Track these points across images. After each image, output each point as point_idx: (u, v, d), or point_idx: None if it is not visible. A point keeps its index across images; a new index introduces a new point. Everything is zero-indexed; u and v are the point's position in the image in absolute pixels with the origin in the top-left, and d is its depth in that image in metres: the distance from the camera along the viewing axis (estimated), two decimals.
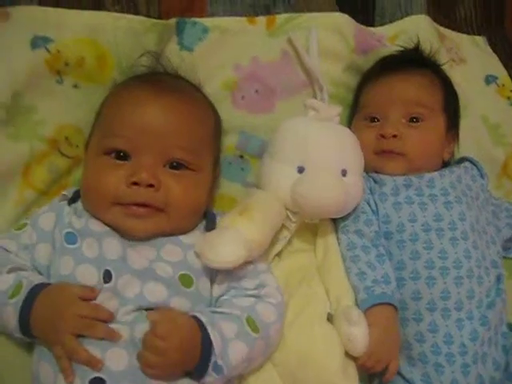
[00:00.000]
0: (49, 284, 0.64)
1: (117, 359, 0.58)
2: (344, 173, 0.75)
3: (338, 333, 0.69)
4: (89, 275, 0.63)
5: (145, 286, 0.63)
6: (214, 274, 0.68)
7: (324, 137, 0.77)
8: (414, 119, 0.85)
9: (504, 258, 0.87)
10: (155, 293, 0.63)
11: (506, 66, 1.12)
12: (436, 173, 0.85)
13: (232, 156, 0.88)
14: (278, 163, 0.77)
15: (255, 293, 0.68)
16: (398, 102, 0.85)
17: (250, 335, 0.63)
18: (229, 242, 0.64)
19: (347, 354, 0.69)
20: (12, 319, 0.62)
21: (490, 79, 1.10)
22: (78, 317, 0.59)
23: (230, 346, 0.61)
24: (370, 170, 0.86)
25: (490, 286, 0.79)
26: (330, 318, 0.71)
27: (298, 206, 0.74)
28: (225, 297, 0.68)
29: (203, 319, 0.61)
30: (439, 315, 0.75)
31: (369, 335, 0.68)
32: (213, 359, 0.60)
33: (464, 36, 1.14)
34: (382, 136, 0.84)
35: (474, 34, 1.17)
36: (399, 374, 0.75)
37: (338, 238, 0.80)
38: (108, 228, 0.68)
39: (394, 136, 0.83)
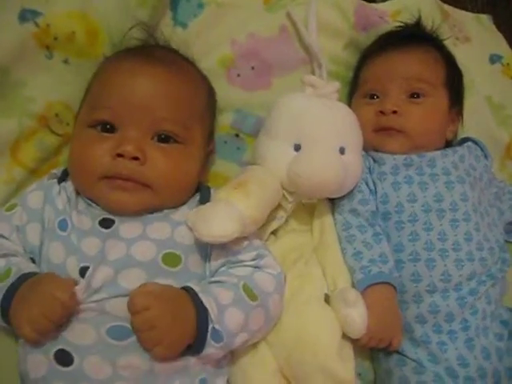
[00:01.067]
0: (37, 273, 0.63)
1: (81, 334, 0.58)
2: (342, 150, 0.73)
3: (336, 314, 0.68)
4: (73, 267, 0.62)
5: (119, 274, 0.61)
6: (208, 249, 0.67)
7: (321, 113, 0.74)
8: (414, 95, 0.83)
9: (506, 241, 0.85)
10: (130, 279, 0.61)
11: (510, 45, 1.10)
12: (438, 152, 0.82)
13: (227, 135, 0.87)
14: (273, 140, 0.75)
15: (253, 263, 0.67)
16: (398, 77, 0.83)
17: (247, 302, 0.62)
18: (222, 216, 0.62)
19: (344, 336, 0.67)
20: None
21: (494, 58, 1.07)
22: (51, 295, 0.57)
23: (227, 313, 0.60)
24: (369, 148, 0.83)
25: (493, 265, 0.77)
26: (327, 299, 0.69)
27: (294, 185, 0.72)
28: (222, 268, 0.67)
29: (195, 288, 0.61)
30: (439, 296, 0.74)
31: (367, 316, 0.67)
32: (210, 325, 0.59)
33: (469, 14, 1.12)
34: (382, 112, 0.82)
35: (479, 13, 1.14)
36: (406, 356, 0.74)
37: (334, 219, 0.79)
38: (90, 225, 0.65)
39: (394, 112, 0.81)
